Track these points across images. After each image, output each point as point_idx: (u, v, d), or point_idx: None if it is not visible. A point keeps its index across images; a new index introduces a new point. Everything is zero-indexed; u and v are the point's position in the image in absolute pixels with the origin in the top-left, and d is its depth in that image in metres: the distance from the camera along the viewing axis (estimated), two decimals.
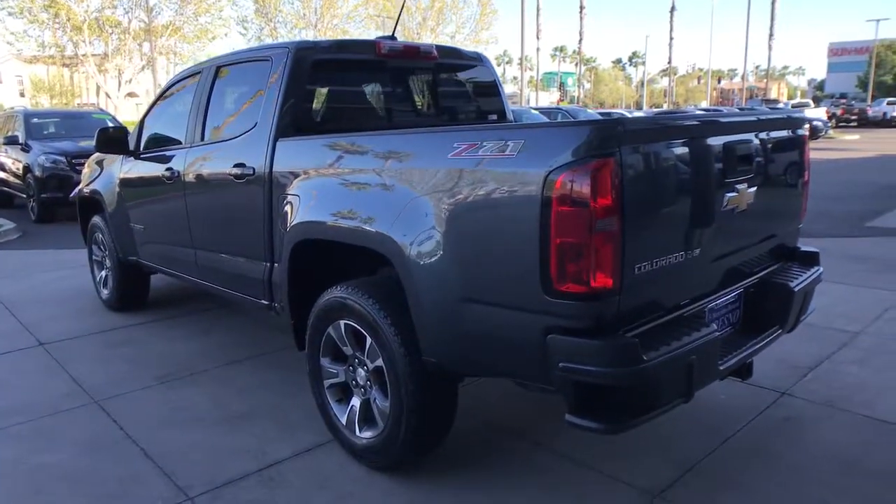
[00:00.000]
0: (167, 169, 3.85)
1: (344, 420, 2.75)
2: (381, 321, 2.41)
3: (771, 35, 44.77)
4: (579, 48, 50.12)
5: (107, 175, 4.75)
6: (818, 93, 71.01)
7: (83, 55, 32.44)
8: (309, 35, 38.99)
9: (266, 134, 3.05)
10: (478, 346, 2.17)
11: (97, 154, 5.45)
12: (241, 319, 4.82)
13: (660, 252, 2.04)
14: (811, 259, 2.90)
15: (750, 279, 2.60)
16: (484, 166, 2.04)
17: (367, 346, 2.54)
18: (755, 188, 2.43)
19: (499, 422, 3.10)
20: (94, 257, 5.21)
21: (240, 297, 3.51)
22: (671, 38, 48.91)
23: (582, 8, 48.87)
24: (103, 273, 5.13)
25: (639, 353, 1.87)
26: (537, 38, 48.44)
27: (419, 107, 3.71)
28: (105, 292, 5.08)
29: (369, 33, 41.90)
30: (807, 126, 2.89)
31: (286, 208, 2.88)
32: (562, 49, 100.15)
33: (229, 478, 2.65)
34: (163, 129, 4.26)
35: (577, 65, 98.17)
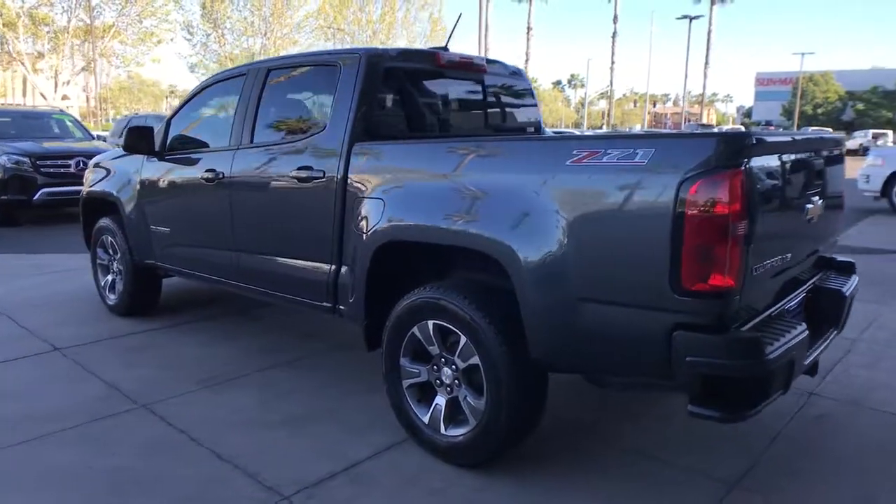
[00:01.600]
0: (207, 171, 3.81)
1: (426, 419, 2.80)
2: (480, 321, 2.49)
3: (706, 63, 47.23)
4: (525, 68, 51.30)
5: (122, 176, 4.63)
6: (746, 119, 74.87)
7: (17, 52, 30.97)
8: (257, 43, 38.52)
9: (339, 138, 3.09)
10: (593, 343, 2.28)
11: (101, 156, 5.33)
12: (259, 325, 4.77)
13: (767, 255, 2.21)
14: (849, 268, 3.16)
15: (808, 284, 2.83)
16: (608, 173, 2.17)
17: (461, 346, 2.61)
18: (821, 201, 2.66)
19: (568, 419, 3.20)
20: (98, 261, 5.04)
21: (291, 300, 3.51)
22: (612, 63, 50.64)
23: (529, 29, 50.09)
24: (109, 277, 4.97)
25: (763, 347, 2.04)
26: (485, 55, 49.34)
27: (472, 116, 3.82)
28: (112, 297, 4.92)
29: (319, 44, 41.71)
30: (844, 147, 3.16)
31: (365, 212, 2.93)
32: None
33: (317, 477, 2.65)
34: (197, 131, 4.21)
35: None
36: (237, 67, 4.06)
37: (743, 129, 44.05)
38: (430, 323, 2.70)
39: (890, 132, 41.79)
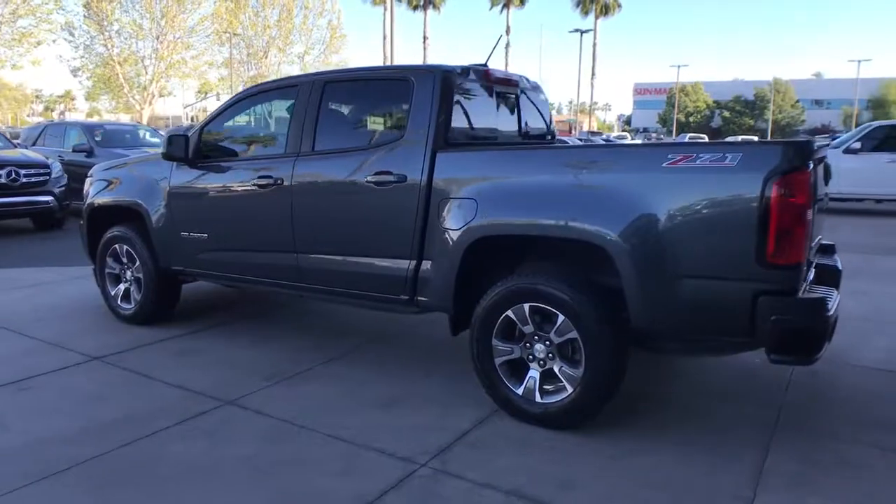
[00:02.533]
0: (262, 177, 3.99)
1: (520, 391, 3.20)
2: (581, 301, 2.95)
3: (593, 74, 50.12)
4: None
5: (146, 184, 4.66)
6: (626, 127, 79.82)
7: None
8: (148, 47, 36.74)
9: (420, 146, 3.43)
10: (690, 311, 2.80)
11: (102, 165, 5.30)
12: (285, 326, 4.95)
13: (813, 238, 2.83)
14: (832, 249, 3.88)
15: (815, 260, 3.51)
16: (702, 173, 2.70)
17: (558, 324, 3.05)
18: (825, 195, 3.35)
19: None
20: (107, 271, 5.00)
21: (361, 296, 3.78)
22: None
23: (425, 38, 51.02)
24: (122, 287, 4.95)
25: (826, 306, 2.64)
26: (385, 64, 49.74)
27: (511, 124, 4.24)
28: (127, 307, 4.90)
29: (215, 49, 40.42)
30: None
31: (456, 211, 3.29)
32: None
33: (438, 447, 2.99)
34: (236, 140, 4.36)
35: None
36: (281, 80, 4.26)
37: (627, 136, 47.25)
38: (527, 305, 3.11)
39: (756, 137, 46.35)
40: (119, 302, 4.96)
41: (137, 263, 4.76)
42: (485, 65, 4.00)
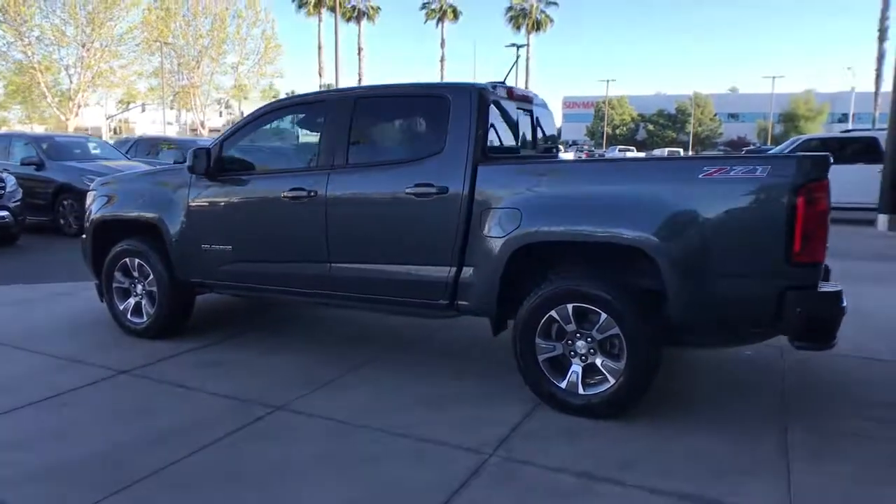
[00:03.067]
0: (294, 189, 4.12)
1: (563, 385, 3.47)
2: (623, 301, 3.26)
3: (526, 87, 51.44)
4: (320, 86, 51.78)
5: (162, 197, 4.68)
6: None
7: None
8: (73, 54, 35.17)
9: (461, 159, 3.67)
10: (724, 306, 3.15)
11: (105, 179, 5.26)
12: (300, 337, 5.05)
13: None
14: None
15: None
16: (736, 183, 3.06)
17: (600, 322, 3.34)
18: None
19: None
20: (115, 285, 4.96)
21: (398, 302, 3.97)
22: None
23: (360, 50, 51.11)
24: (132, 301, 4.92)
25: (842, 297, 3.04)
26: (319, 75, 49.55)
27: (528, 136, 4.52)
28: (138, 320, 4.88)
29: (145, 59, 39.16)
30: None
31: (499, 220, 3.54)
32: (328, 87, 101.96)
33: (497, 439, 3.21)
34: (259, 153, 4.48)
35: None
36: (306, 95, 4.40)
37: (561, 147, 48.93)
38: (570, 306, 3.40)
39: (681, 150, 48.80)
40: (129, 316, 4.93)
41: (151, 277, 4.76)
42: (503, 82, 4.28)
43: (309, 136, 4.60)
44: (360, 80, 51.04)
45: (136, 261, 4.81)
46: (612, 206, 3.30)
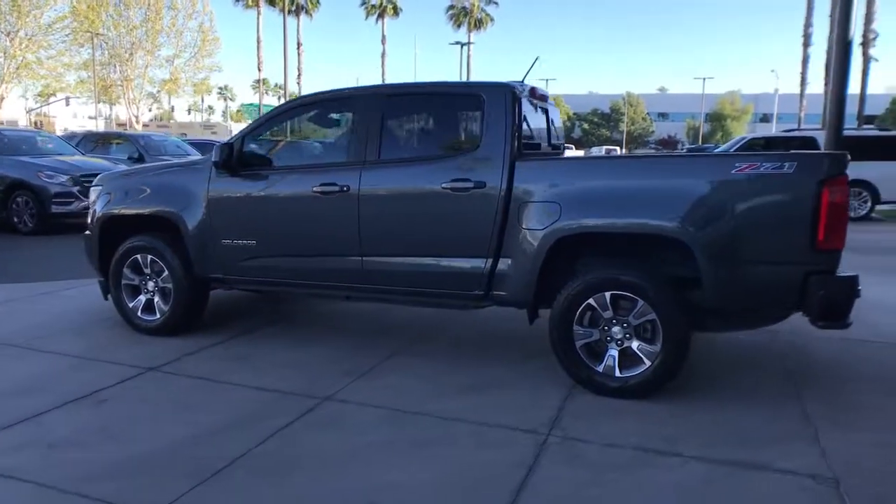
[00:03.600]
0: (325, 184, 4.18)
1: (600, 369, 3.69)
2: (659, 288, 3.50)
3: None
4: (298, 84, 51.08)
5: (180, 192, 4.63)
6: None
7: None
8: None
9: (499, 155, 3.83)
10: (754, 290, 3.43)
11: (110, 175, 5.16)
12: (316, 329, 5.09)
13: None
14: None
15: None
16: (766, 178, 3.34)
17: (637, 308, 3.57)
18: None
19: None
20: (124, 283, 4.86)
21: (432, 293, 4.09)
22: (383, 80, 53.14)
23: (299, 45, 50.32)
24: (143, 298, 4.85)
25: (857, 281, 3.37)
26: (259, 69, 48.53)
27: (544, 134, 4.70)
28: (149, 318, 4.81)
29: (74, 50, 37.39)
30: None
31: (537, 213, 3.72)
32: (264, 81, 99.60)
33: (549, 419, 3.39)
34: (284, 149, 4.50)
35: (278, 98, 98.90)
36: (333, 91, 4.44)
37: None
38: (608, 294, 3.61)
39: (618, 148, 50.29)
40: (140, 314, 4.85)
41: (165, 273, 4.70)
42: (522, 82, 4.45)
43: (336, 132, 4.66)
44: (299, 75, 50.30)
45: (149, 257, 4.74)
46: (652, 200, 3.53)
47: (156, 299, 4.81)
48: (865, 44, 26.68)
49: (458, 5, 49.25)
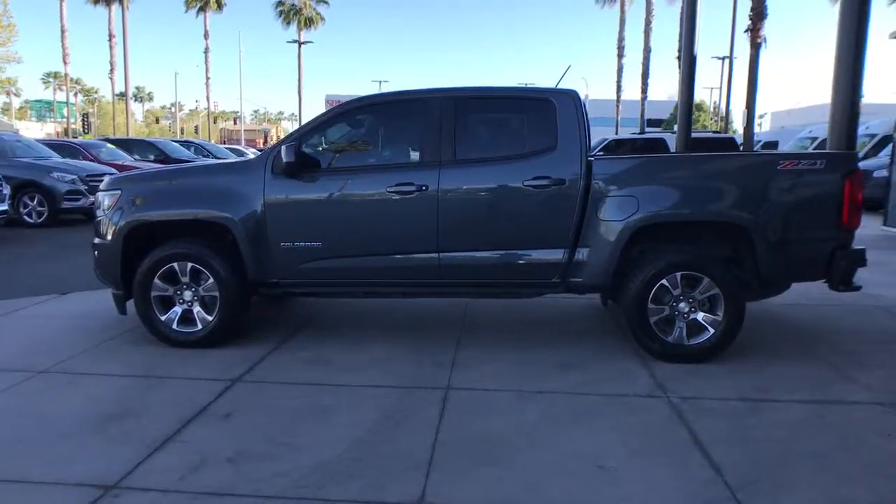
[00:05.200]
0: (401, 183, 4.29)
1: (671, 339, 4.27)
2: (722, 265, 4.16)
3: (299, 85, 50.74)
4: (111, 78, 46.39)
5: (228, 195, 4.41)
6: None
7: None
8: None
9: (576, 154, 4.25)
10: (794, 263, 4.21)
11: (139, 174, 4.78)
12: (363, 330, 5.10)
13: None
14: None
15: None
16: (804, 172, 4.13)
17: (702, 284, 4.20)
18: None
19: None
20: (154, 294, 4.50)
21: (511, 284, 4.41)
22: (207, 78, 50.14)
23: (111, 36, 45.88)
24: (178, 310, 4.54)
25: (865, 254, 4.30)
26: (64, 61, 43.53)
27: None
28: (189, 330, 4.51)
29: None
30: None
31: (615, 206, 4.20)
32: (55, 75, 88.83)
33: (655, 385, 3.89)
34: (351, 150, 4.54)
35: (76, 94, 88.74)
36: (397, 93, 4.53)
37: None
38: (679, 274, 4.20)
39: None
40: (175, 326, 4.53)
41: (210, 281, 4.46)
42: (557, 88, 4.90)
43: (401, 133, 4.73)
44: (111, 69, 45.81)
45: (189, 265, 4.45)
46: (719, 191, 4.18)
47: (195, 309, 4.53)
48: (681, 58, 30.71)
49: (288, 2, 47.95)
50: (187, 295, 4.53)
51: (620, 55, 38.52)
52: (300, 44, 38.80)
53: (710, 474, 2.85)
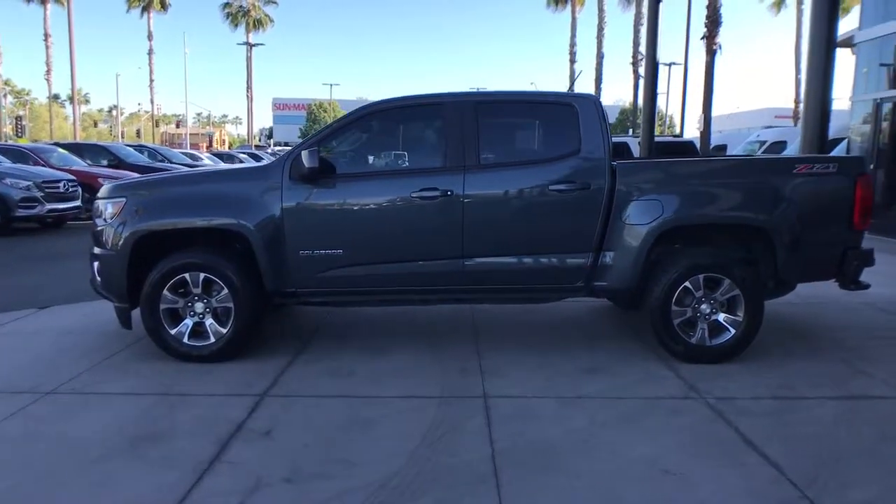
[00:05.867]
0: (426, 188, 4.21)
1: (694, 340, 4.32)
2: (744, 267, 4.25)
3: (248, 87, 49.69)
4: (48, 80, 44.37)
5: (243, 202, 4.24)
6: (269, 140, 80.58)
7: None
8: None
9: (601, 159, 4.26)
10: (809, 263, 4.32)
11: (139, 181, 4.55)
12: (378, 338, 4.99)
13: None
14: None
15: None
16: (817, 176, 4.26)
17: (723, 286, 4.27)
18: None
19: None
20: (163, 307, 4.28)
21: (534, 289, 4.39)
22: (151, 80, 48.59)
23: (47, 36, 43.98)
24: (188, 322, 4.33)
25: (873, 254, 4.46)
26: None
27: None
28: (201, 343, 4.31)
29: None
30: None
31: (640, 210, 4.23)
32: None
33: (687, 385, 3.93)
34: (370, 155, 4.43)
35: (5, 95, 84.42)
36: (413, 97, 4.44)
37: (287, 148, 48.88)
38: (702, 276, 4.26)
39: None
40: (187, 340, 4.32)
41: (224, 292, 4.27)
42: (570, 91, 4.93)
43: (422, 138, 4.64)
44: (48, 70, 44.03)
45: (202, 275, 4.25)
46: (739, 195, 4.26)
47: (208, 322, 4.33)
48: (635, 63, 31.73)
49: (236, 4, 46.89)
50: (199, 307, 4.33)
51: (573, 60, 39.27)
52: (250, 46, 37.92)
53: (773, 473, 2.89)
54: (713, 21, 21.08)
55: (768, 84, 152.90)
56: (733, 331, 4.33)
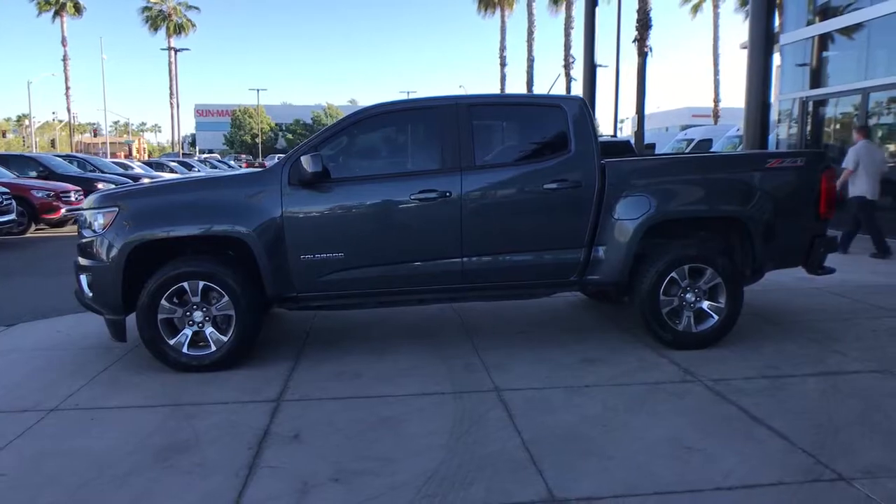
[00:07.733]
0: (424, 190, 4.30)
1: (680, 328, 4.58)
2: (723, 258, 4.54)
3: (171, 94, 47.91)
4: None
5: (242, 209, 4.20)
6: (192, 148, 78.07)
7: None
8: None
9: (590, 158, 4.46)
10: (782, 251, 4.66)
11: (132, 189, 4.42)
12: (378, 340, 5.01)
13: None
14: None
15: None
16: (788, 169, 4.61)
17: (706, 275, 4.55)
18: None
19: None
20: (160, 317, 4.18)
21: (531, 284, 4.54)
22: (67, 88, 46.13)
23: None
24: (187, 332, 4.25)
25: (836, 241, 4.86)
26: None
27: None
28: (202, 353, 4.24)
29: None
30: None
31: (629, 205, 4.45)
32: None
33: (682, 370, 4.18)
34: (368, 158, 4.47)
35: None
36: (407, 101, 4.51)
37: (213, 156, 46.81)
38: (686, 266, 4.53)
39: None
40: (186, 350, 4.24)
41: (224, 300, 4.21)
42: (549, 94, 5.12)
43: (418, 141, 4.69)
44: None
45: (201, 283, 4.18)
46: (718, 189, 4.55)
47: (208, 331, 4.26)
48: (567, 66, 32.58)
49: (155, 7, 45.16)
50: (197, 315, 4.25)
51: (503, 64, 40.02)
52: (174, 51, 36.61)
53: (784, 444, 3.14)
54: (643, 24, 22.01)
55: (685, 84, 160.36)
56: (716, 317, 4.61)
